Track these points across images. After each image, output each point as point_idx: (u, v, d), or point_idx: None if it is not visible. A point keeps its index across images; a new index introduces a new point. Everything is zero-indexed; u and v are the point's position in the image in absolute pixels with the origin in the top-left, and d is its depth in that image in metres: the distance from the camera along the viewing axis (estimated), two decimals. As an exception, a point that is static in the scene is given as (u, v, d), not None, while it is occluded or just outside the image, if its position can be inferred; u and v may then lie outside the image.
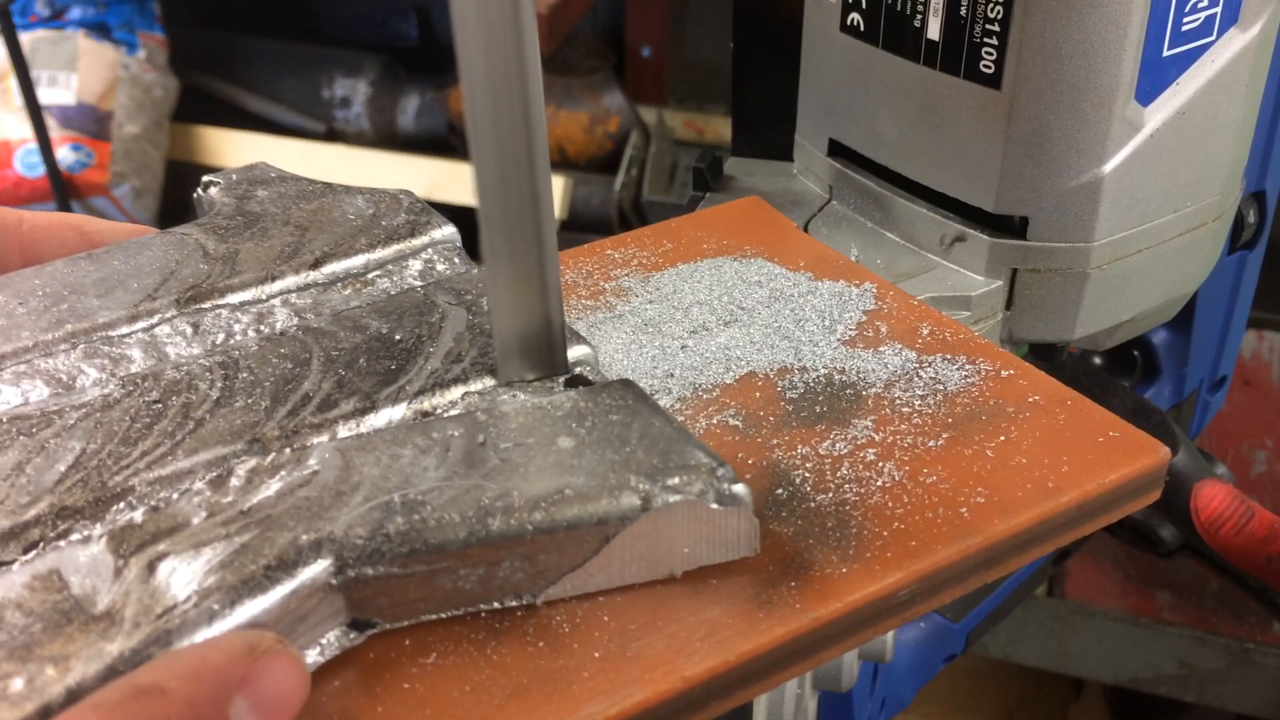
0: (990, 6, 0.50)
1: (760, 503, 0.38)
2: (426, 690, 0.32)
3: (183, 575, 0.31)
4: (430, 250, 0.45)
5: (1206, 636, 1.58)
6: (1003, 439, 0.41)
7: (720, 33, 2.13)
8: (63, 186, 1.93)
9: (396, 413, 0.37)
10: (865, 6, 0.55)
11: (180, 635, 0.29)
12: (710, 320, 0.47)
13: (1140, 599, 1.66)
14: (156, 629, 0.29)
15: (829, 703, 0.70)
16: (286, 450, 0.35)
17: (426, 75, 2.19)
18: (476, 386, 0.38)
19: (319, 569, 0.31)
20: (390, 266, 0.44)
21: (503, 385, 0.39)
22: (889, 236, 0.58)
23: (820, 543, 0.36)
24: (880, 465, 0.40)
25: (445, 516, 0.33)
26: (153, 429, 0.36)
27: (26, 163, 1.93)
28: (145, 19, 2.08)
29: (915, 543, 0.36)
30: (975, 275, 0.55)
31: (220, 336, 0.41)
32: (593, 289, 0.50)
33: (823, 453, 0.40)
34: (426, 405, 0.38)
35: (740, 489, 0.34)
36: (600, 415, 0.36)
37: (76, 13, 2.03)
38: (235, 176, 0.49)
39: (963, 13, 0.51)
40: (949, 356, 0.45)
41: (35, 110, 1.84)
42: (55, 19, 2.02)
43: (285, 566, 0.31)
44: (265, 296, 0.42)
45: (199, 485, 0.34)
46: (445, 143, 2.14)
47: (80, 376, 0.38)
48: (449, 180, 1.97)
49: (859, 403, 0.43)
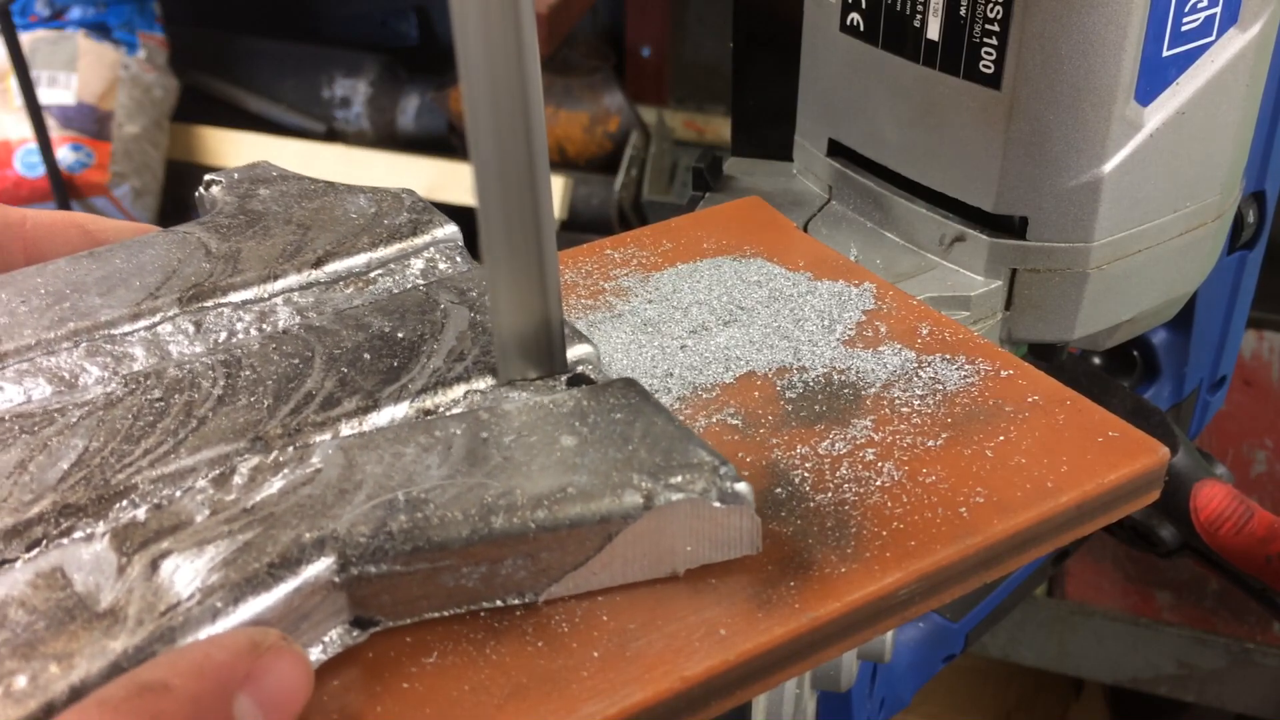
0: (990, 6, 0.50)
1: (759, 502, 0.38)
2: (426, 690, 0.32)
3: (186, 573, 0.31)
4: (432, 249, 0.45)
5: (1206, 636, 1.57)
6: (1002, 439, 0.41)
7: (720, 33, 2.13)
8: (63, 186, 1.93)
9: (399, 411, 0.37)
10: (865, 6, 0.55)
11: (184, 632, 0.30)
12: (710, 320, 0.48)
13: (1140, 599, 1.66)
14: (160, 626, 0.29)
15: (828, 703, 0.70)
16: (289, 448, 0.35)
17: (426, 75, 2.19)
18: (479, 385, 0.38)
19: (322, 567, 0.31)
20: (392, 265, 0.44)
21: (505, 384, 0.39)
22: (889, 236, 0.58)
23: (819, 542, 0.36)
24: (879, 465, 0.40)
25: (448, 515, 0.33)
26: (155, 427, 0.36)
27: (26, 163, 1.93)
28: (145, 19, 2.08)
29: (914, 542, 0.36)
30: (975, 275, 0.55)
31: (222, 335, 0.41)
32: (592, 289, 0.50)
33: (822, 452, 0.40)
34: (429, 403, 0.38)
35: (743, 487, 0.34)
36: (603, 414, 0.36)
37: (76, 13, 2.02)
38: (237, 175, 0.49)
39: (962, 13, 0.51)
40: (948, 356, 0.45)
41: (35, 110, 1.84)
42: (55, 19, 2.02)
43: (288, 564, 0.31)
44: (267, 295, 0.42)
45: (202, 483, 0.34)
46: (445, 143, 2.14)
47: (83, 375, 0.39)
48: (449, 180, 1.97)
49: (858, 402, 0.43)
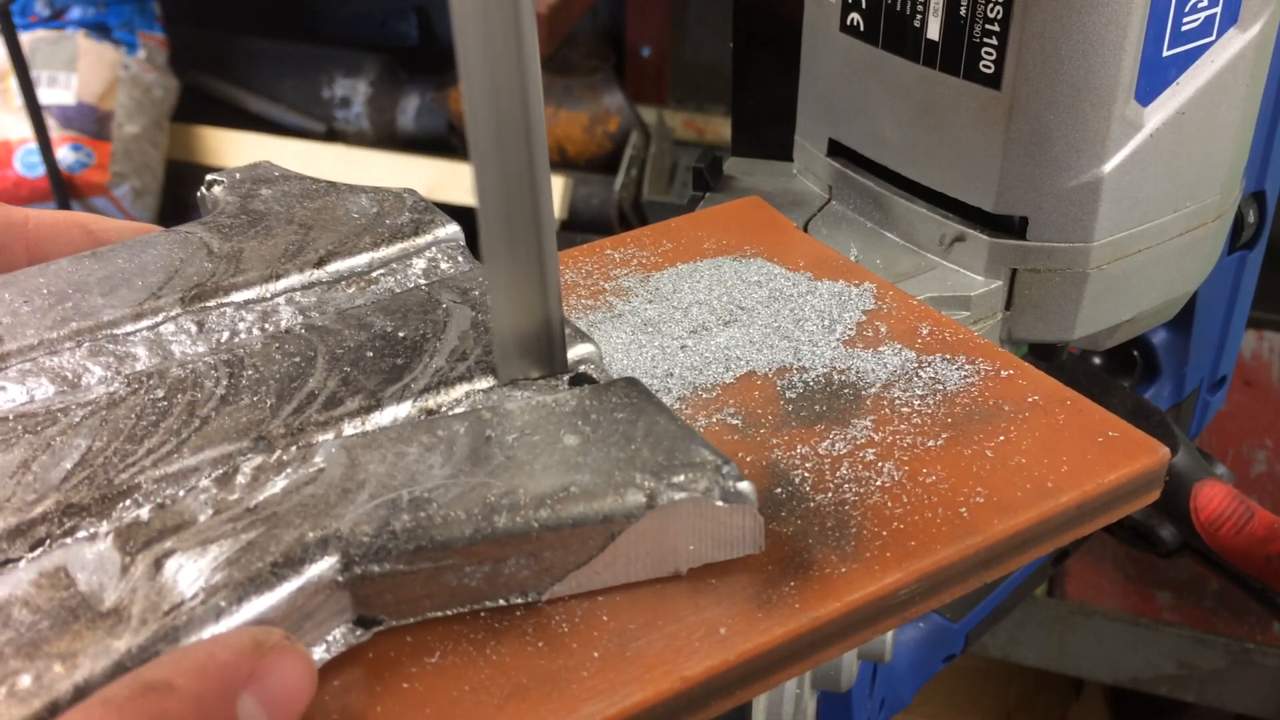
0: (990, 6, 0.50)
1: (759, 502, 0.38)
2: (426, 690, 0.32)
3: (189, 572, 0.31)
4: (434, 249, 0.45)
5: (1206, 636, 1.57)
6: (1002, 439, 0.41)
7: (720, 33, 2.13)
8: (63, 186, 1.93)
9: (401, 410, 0.37)
10: (865, 6, 0.55)
11: (187, 632, 0.30)
12: (710, 320, 0.48)
13: (1140, 599, 1.66)
14: (164, 626, 0.29)
15: (828, 703, 0.70)
16: (292, 448, 0.36)
17: (426, 75, 2.19)
18: (481, 384, 0.38)
19: (325, 566, 0.32)
20: (394, 265, 0.44)
21: (507, 383, 0.39)
22: (889, 236, 0.58)
23: (819, 542, 0.36)
24: (879, 465, 0.40)
25: (451, 514, 0.33)
26: (158, 427, 0.36)
27: (26, 163, 1.93)
28: (145, 19, 2.08)
29: (915, 542, 0.36)
30: (975, 275, 0.55)
31: (225, 335, 0.41)
32: (592, 289, 0.50)
33: (822, 452, 0.40)
34: (431, 403, 0.38)
35: (745, 486, 0.34)
36: (605, 413, 0.36)
37: (76, 13, 2.02)
38: (239, 175, 0.49)
39: (962, 13, 0.51)
40: (948, 356, 0.45)
41: (35, 110, 1.84)
42: (55, 19, 2.02)
43: (292, 564, 0.31)
44: (269, 295, 0.42)
45: (205, 483, 0.34)
46: (445, 143, 2.14)
47: (85, 374, 0.39)
48: (449, 180, 1.97)
49: (858, 402, 0.43)
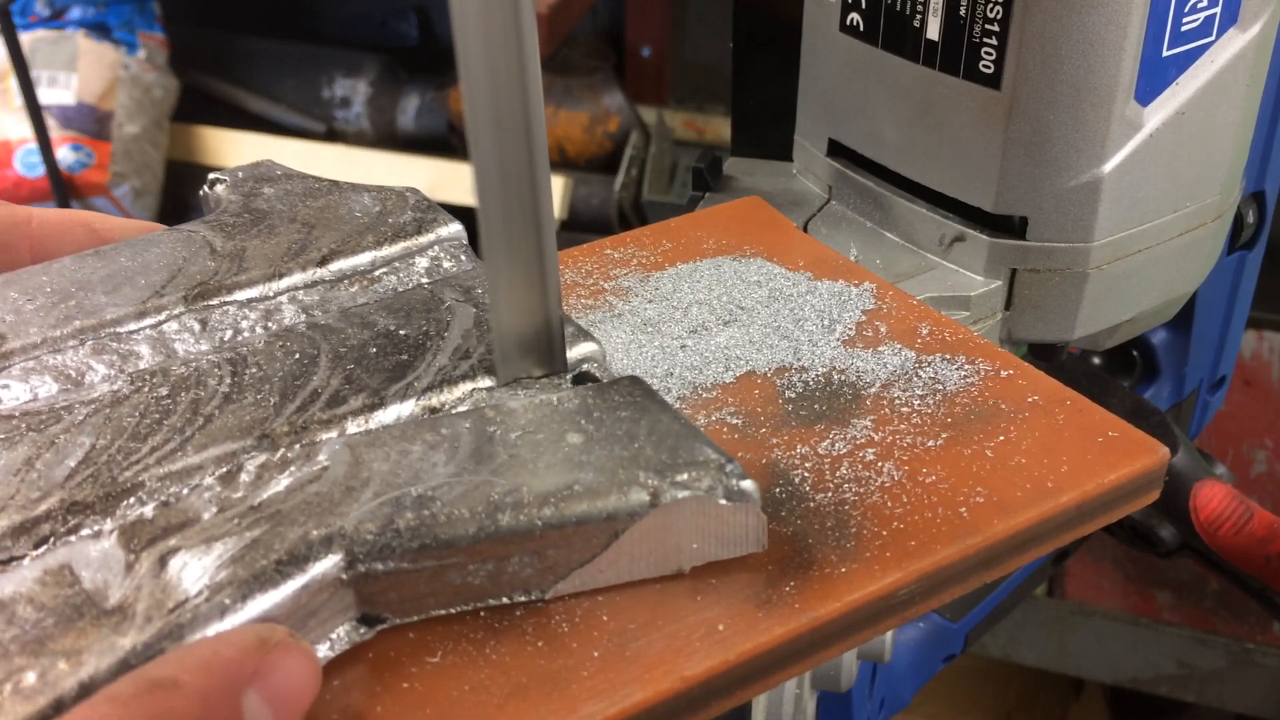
0: (990, 6, 0.50)
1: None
2: (426, 690, 0.32)
3: (194, 570, 0.31)
4: (437, 247, 0.45)
5: (1206, 636, 1.58)
6: (1002, 439, 0.41)
7: (720, 33, 2.13)
8: (63, 186, 1.93)
9: (405, 409, 0.37)
10: (865, 6, 0.55)
11: (192, 629, 0.30)
12: (709, 320, 0.48)
13: (1140, 599, 1.66)
14: (168, 623, 0.30)
15: (828, 703, 0.70)
16: (296, 446, 0.36)
17: (426, 75, 2.19)
18: (485, 383, 0.39)
19: (329, 564, 0.32)
20: (397, 264, 0.45)
21: (510, 382, 0.39)
22: (888, 236, 0.58)
23: (819, 542, 0.36)
24: (879, 465, 0.40)
25: (455, 512, 0.33)
26: (162, 425, 0.36)
27: (26, 163, 1.93)
28: (145, 19, 2.08)
29: (914, 542, 0.36)
30: (974, 275, 0.55)
31: (228, 333, 0.41)
32: (592, 289, 0.50)
33: (822, 452, 0.40)
34: (435, 401, 0.38)
35: (749, 485, 0.34)
36: (609, 411, 0.36)
37: (76, 13, 2.02)
38: (241, 174, 0.49)
39: (962, 13, 0.51)
40: (948, 356, 0.45)
41: (35, 110, 1.84)
42: (55, 19, 2.02)
43: (296, 561, 0.31)
44: (273, 293, 0.43)
45: (209, 481, 0.34)
46: (445, 143, 2.14)
47: (89, 373, 0.39)
48: (449, 180, 1.97)
49: (858, 402, 0.43)
